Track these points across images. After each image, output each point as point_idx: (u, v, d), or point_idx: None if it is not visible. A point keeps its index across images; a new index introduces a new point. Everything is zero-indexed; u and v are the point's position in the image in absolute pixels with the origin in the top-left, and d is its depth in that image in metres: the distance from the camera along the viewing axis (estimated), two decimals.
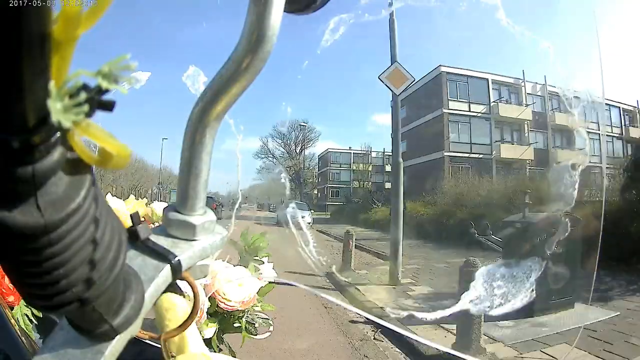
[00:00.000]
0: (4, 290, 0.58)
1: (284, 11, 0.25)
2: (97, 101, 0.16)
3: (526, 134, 20.95)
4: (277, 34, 0.25)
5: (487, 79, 20.67)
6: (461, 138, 20.30)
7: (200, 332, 0.59)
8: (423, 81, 21.02)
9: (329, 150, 37.51)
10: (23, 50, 0.14)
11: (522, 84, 21.05)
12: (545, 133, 20.72)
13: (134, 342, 0.28)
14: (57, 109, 0.15)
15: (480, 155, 19.92)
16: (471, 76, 20.59)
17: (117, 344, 0.25)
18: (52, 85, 0.15)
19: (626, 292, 4.72)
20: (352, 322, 3.79)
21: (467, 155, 19.90)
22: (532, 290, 0.66)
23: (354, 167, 34.96)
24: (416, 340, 2.84)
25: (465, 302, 0.68)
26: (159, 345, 0.32)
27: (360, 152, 35.94)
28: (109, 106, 0.16)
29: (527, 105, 20.75)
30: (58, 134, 0.16)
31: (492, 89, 20.63)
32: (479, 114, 20.48)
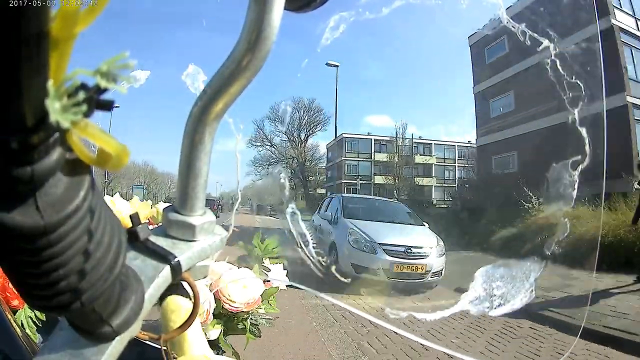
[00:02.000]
0: (8, 294, 0.58)
1: (284, 9, 0.25)
2: (96, 101, 0.16)
3: None
4: (277, 32, 0.25)
5: None
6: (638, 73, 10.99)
7: (205, 334, 0.60)
8: None
9: (344, 136, 28.53)
10: (22, 50, 0.14)
11: None
12: None
13: (136, 343, 0.28)
14: (55, 109, 0.15)
15: None
16: None
17: (117, 344, 0.25)
18: (50, 84, 0.15)
19: None
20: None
21: None
22: None
23: (386, 157, 26.14)
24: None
25: (464, 302, 0.68)
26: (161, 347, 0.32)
27: (383, 138, 27.46)
28: (107, 106, 0.16)
29: None
30: (57, 134, 0.16)
31: None
32: None
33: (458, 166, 28.25)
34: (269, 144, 30.17)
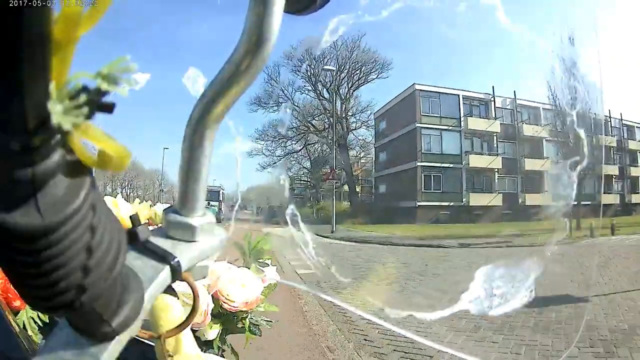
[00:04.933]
0: (10, 295, 0.58)
1: (284, 12, 0.25)
2: (97, 103, 0.16)
3: None
4: (277, 34, 0.25)
5: None
6: None
7: (203, 334, 0.60)
8: None
9: (417, 89, 16.31)
10: (23, 52, 0.14)
11: None
12: None
13: (135, 342, 0.28)
14: (57, 111, 0.15)
15: None
16: None
17: (117, 344, 0.25)
18: (52, 87, 0.15)
19: None
20: None
21: None
22: None
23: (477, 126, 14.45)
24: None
25: (464, 302, 0.68)
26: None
27: (476, 95, 15.74)
28: (109, 108, 0.16)
29: None
30: (58, 136, 0.16)
31: None
32: None
33: None
34: (291, 101, 16.91)
